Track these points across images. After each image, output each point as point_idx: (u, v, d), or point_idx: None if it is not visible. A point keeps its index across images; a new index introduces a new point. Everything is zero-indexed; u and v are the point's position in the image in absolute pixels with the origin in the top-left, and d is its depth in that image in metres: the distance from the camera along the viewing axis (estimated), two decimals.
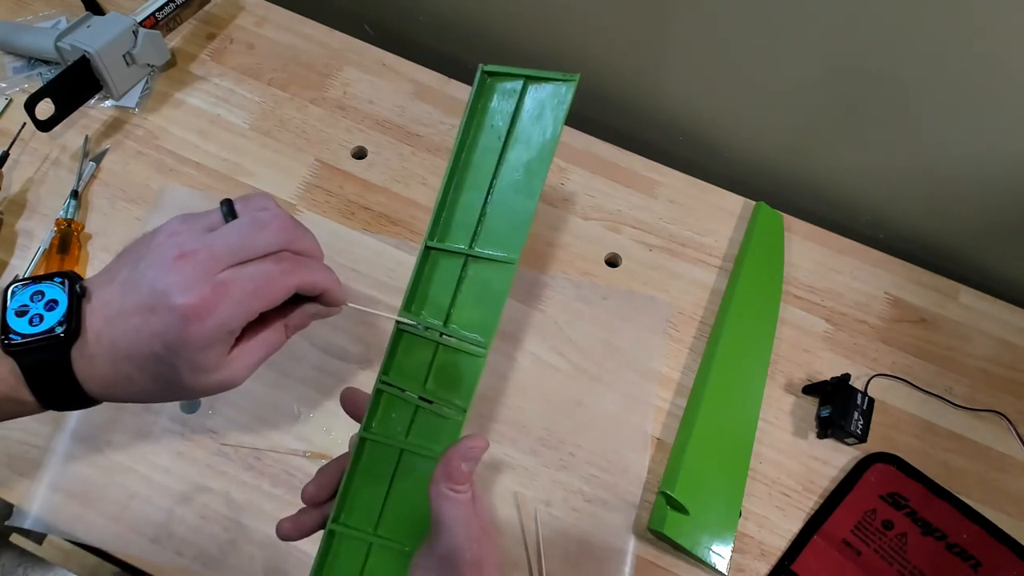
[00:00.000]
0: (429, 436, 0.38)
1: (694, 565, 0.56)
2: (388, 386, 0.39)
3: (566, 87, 0.38)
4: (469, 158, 0.39)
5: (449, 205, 0.39)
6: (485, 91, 0.39)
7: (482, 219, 0.39)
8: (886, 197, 0.74)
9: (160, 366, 0.34)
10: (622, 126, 0.79)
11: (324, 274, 0.37)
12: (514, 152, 0.39)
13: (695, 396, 0.62)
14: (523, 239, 0.38)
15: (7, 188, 0.66)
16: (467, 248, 0.39)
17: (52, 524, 0.53)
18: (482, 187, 0.39)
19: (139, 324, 0.33)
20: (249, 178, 0.68)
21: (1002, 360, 0.66)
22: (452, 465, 0.34)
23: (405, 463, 0.38)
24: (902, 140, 0.67)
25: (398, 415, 0.39)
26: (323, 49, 0.76)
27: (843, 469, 0.61)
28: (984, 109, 0.60)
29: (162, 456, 0.56)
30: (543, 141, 0.38)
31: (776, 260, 0.69)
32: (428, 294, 0.39)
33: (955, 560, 0.57)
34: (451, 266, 0.39)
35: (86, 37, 0.66)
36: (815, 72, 0.64)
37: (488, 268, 0.39)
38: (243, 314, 0.34)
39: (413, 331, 0.39)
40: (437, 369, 0.39)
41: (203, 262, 0.33)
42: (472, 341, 0.38)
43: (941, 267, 0.71)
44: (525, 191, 0.38)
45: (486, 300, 0.39)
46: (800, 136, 0.72)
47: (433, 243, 0.39)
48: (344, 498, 0.38)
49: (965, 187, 0.68)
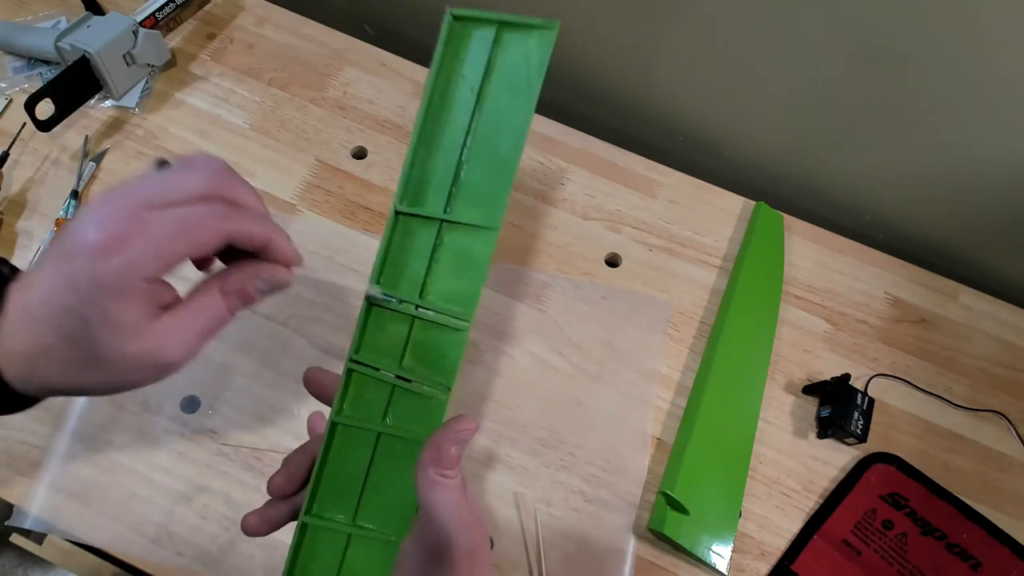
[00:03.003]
0: (410, 417, 0.36)
1: (694, 565, 0.56)
2: (360, 365, 0.36)
3: (545, 34, 0.34)
4: (439, 114, 0.35)
5: (419, 166, 0.35)
6: (454, 38, 0.35)
7: (457, 181, 0.35)
8: (886, 197, 0.74)
9: (75, 324, 0.30)
10: (622, 126, 0.79)
11: (266, 224, 0.33)
12: (489, 107, 0.35)
13: (695, 396, 0.62)
14: (503, 203, 0.34)
15: (7, 188, 0.66)
16: (442, 213, 0.35)
17: (52, 524, 0.54)
18: (455, 146, 0.35)
19: (52, 276, 0.30)
20: (249, 178, 0.68)
21: (1002, 360, 0.66)
22: (441, 449, 0.31)
23: (384, 447, 0.36)
24: (902, 140, 0.67)
25: (373, 396, 0.36)
26: (323, 49, 0.76)
27: (843, 469, 0.61)
28: (984, 109, 0.60)
29: (162, 456, 0.56)
30: (522, 95, 0.34)
31: (776, 260, 0.69)
32: (401, 264, 0.36)
33: (955, 560, 0.57)
34: (425, 233, 0.36)
35: (86, 37, 0.66)
36: (815, 72, 0.64)
37: (466, 234, 0.35)
38: (162, 255, 0.30)
39: (386, 305, 0.36)
40: (414, 345, 0.36)
41: (122, 199, 0.30)
42: (452, 314, 0.35)
43: (941, 267, 0.71)
44: (503, 150, 0.35)
45: (466, 269, 0.35)
46: (800, 136, 0.72)
47: (403, 207, 0.35)
48: (317, 488, 0.36)
49: (965, 187, 0.68)
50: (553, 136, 0.74)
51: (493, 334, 0.64)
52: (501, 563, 0.55)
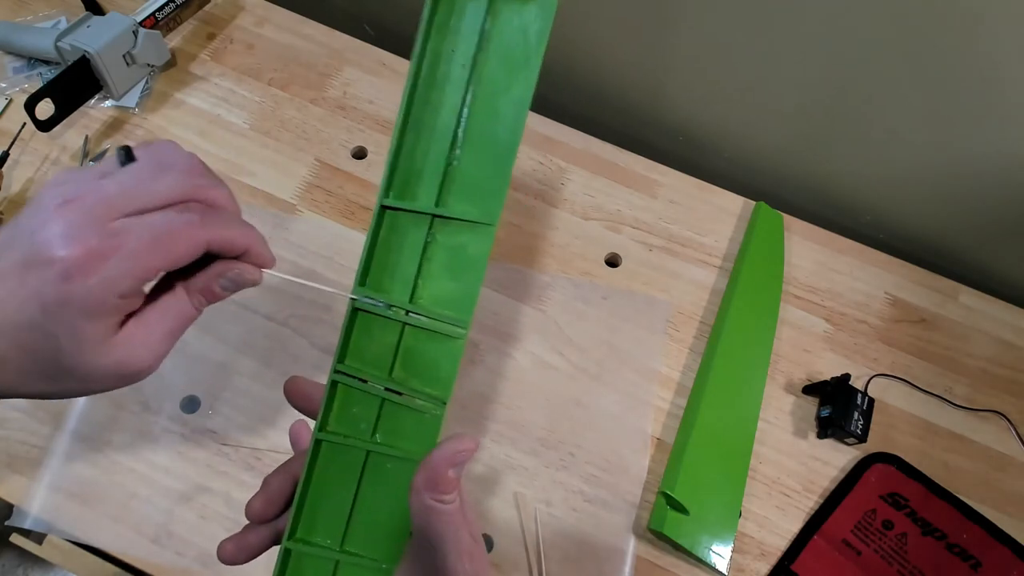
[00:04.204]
0: (401, 434, 0.32)
1: (694, 565, 0.56)
2: (345, 376, 0.32)
3: (545, 4, 0.30)
4: (428, 94, 0.32)
5: (407, 154, 0.32)
6: (443, 7, 0.31)
7: (449, 171, 0.32)
8: (886, 197, 0.74)
9: (38, 339, 0.28)
10: (622, 126, 0.79)
11: (244, 229, 0.31)
12: (484, 86, 0.31)
13: (695, 396, 0.62)
14: (502, 196, 0.31)
15: (7, 188, 0.66)
16: (433, 207, 0.32)
17: (52, 524, 0.54)
18: (446, 131, 0.31)
19: (14, 287, 0.27)
20: (249, 178, 0.68)
21: (1002, 360, 0.66)
22: (437, 472, 0.28)
23: (374, 466, 0.33)
24: (902, 140, 0.67)
25: (360, 410, 0.33)
26: (323, 49, 0.76)
27: (843, 469, 0.61)
28: (984, 109, 0.60)
29: (162, 456, 0.56)
30: (520, 73, 0.30)
31: (776, 260, 0.69)
32: (389, 265, 0.33)
33: (955, 560, 0.57)
34: (415, 230, 0.32)
35: (86, 37, 0.66)
36: (815, 72, 0.64)
37: (461, 231, 0.32)
38: (138, 272, 0.28)
39: (372, 309, 0.32)
40: (405, 354, 0.33)
41: (91, 208, 0.27)
42: (446, 320, 0.32)
43: (941, 267, 0.71)
44: (500, 135, 0.31)
45: (461, 270, 0.32)
46: (800, 136, 0.72)
47: (389, 201, 0.32)
48: (300, 511, 0.33)
49: (965, 187, 0.68)
50: (553, 136, 0.74)
51: (493, 334, 0.64)
52: (501, 563, 0.55)
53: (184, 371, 0.59)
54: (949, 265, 0.74)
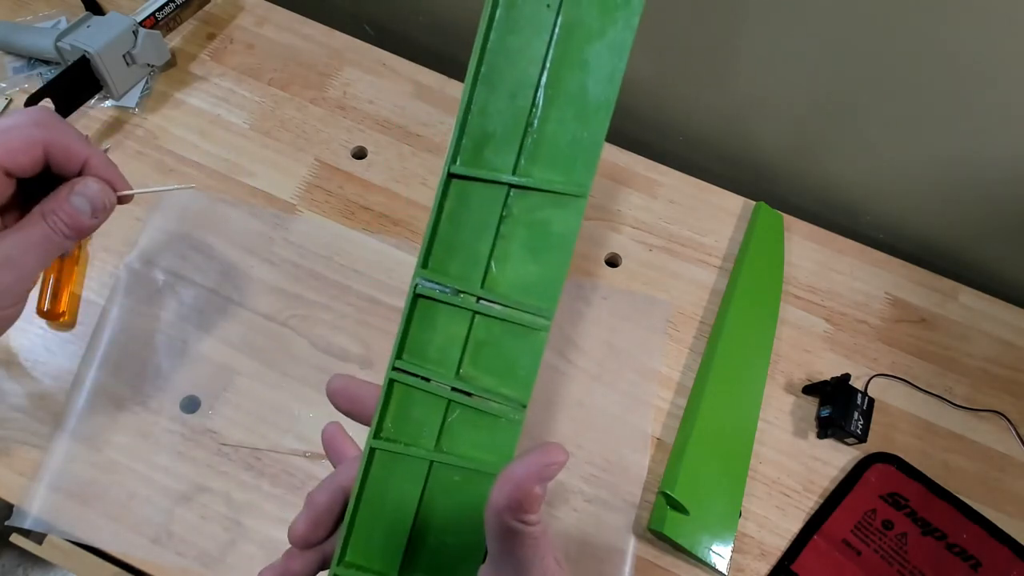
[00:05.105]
0: (472, 442, 0.28)
1: (694, 565, 0.56)
2: (405, 374, 0.28)
3: None
4: (505, 40, 0.26)
5: (479, 111, 0.27)
6: None
7: (530, 132, 0.27)
8: (886, 197, 0.74)
9: None
10: (622, 126, 0.79)
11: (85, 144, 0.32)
12: (575, 30, 0.26)
13: (695, 396, 0.62)
14: (594, 161, 0.26)
15: None
16: (511, 175, 0.27)
17: (52, 524, 0.54)
18: (528, 85, 0.26)
19: None
20: (249, 178, 0.68)
21: (1002, 360, 0.67)
22: (522, 489, 0.24)
23: (438, 479, 0.29)
24: (902, 140, 0.67)
25: (422, 414, 0.29)
26: (323, 49, 0.76)
27: (843, 469, 0.61)
28: (984, 109, 0.60)
29: (162, 456, 0.56)
30: (619, 13, 0.26)
31: (776, 260, 0.69)
32: (457, 243, 0.28)
33: (955, 560, 0.57)
34: (489, 202, 0.27)
35: (86, 37, 0.66)
36: (815, 72, 0.64)
37: (544, 204, 0.27)
38: None
39: (437, 296, 0.28)
40: (476, 348, 0.28)
41: None
42: (526, 308, 0.27)
43: (941, 267, 0.71)
44: (593, 90, 0.26)
45: (543, 250, 0.27)
46: (800, 136, 0.72)
47: (458, 168, 0.27)
48: (351, 531, 0.29)
49: (965, 187, 0.68)
50: None
51: None
52: None
53: (184, 371, 0.59)
54: (949, 265, 0.74)
